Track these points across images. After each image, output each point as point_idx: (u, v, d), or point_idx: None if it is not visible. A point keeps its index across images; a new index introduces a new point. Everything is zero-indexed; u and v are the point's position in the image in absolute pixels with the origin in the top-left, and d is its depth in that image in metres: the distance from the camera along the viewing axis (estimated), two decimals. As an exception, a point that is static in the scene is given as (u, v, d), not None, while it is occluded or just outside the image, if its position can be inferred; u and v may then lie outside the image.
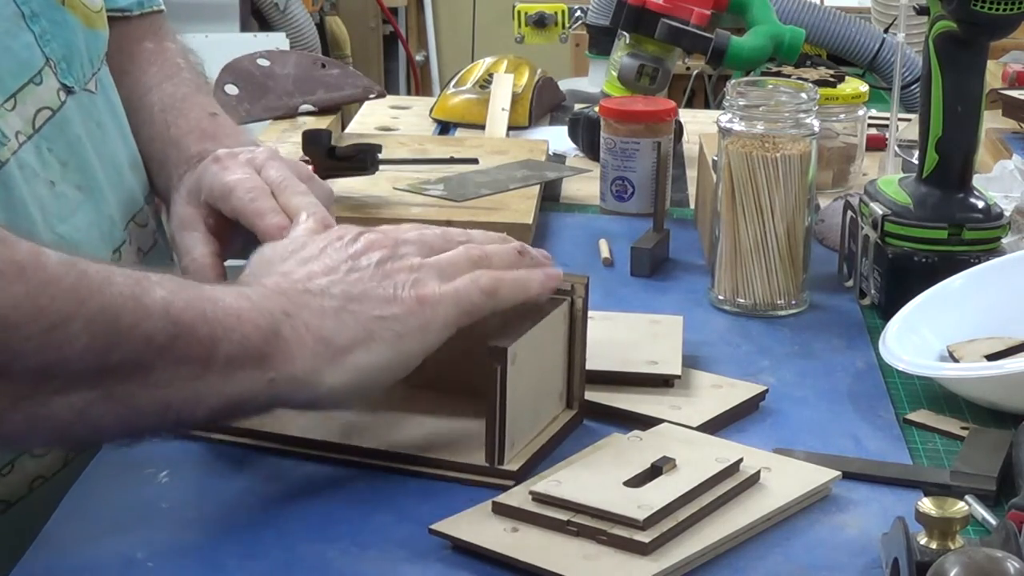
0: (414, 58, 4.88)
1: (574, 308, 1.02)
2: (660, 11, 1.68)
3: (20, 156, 1.03)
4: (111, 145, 1.15)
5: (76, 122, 1.10)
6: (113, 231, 1.12)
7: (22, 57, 1.05)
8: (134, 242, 1.16)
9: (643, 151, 1.55)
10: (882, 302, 1.26)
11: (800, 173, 1.25)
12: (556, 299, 1.01)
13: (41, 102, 1.07)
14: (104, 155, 1.13)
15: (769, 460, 0.97)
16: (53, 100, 1.08)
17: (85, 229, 1.08)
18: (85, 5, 1.13)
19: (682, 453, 0.94)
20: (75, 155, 1.09)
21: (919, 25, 1.45)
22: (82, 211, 1.09)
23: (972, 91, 1.24)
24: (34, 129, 1.06)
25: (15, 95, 1.04)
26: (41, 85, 1.07)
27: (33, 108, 1.06)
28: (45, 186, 1.06)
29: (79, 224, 1.08)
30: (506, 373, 0.93)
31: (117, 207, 1.14)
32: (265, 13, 4.03)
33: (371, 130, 1.92)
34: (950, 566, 0.74)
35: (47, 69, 1.08)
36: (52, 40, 1.08)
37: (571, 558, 0.85)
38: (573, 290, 1.02)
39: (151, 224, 1.20)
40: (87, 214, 1.09)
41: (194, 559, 0.86)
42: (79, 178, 1.09)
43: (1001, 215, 1.26)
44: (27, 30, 1.06)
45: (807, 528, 0.92)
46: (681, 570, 0.86)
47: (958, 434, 1.05)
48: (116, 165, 1.15)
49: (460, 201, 1.49)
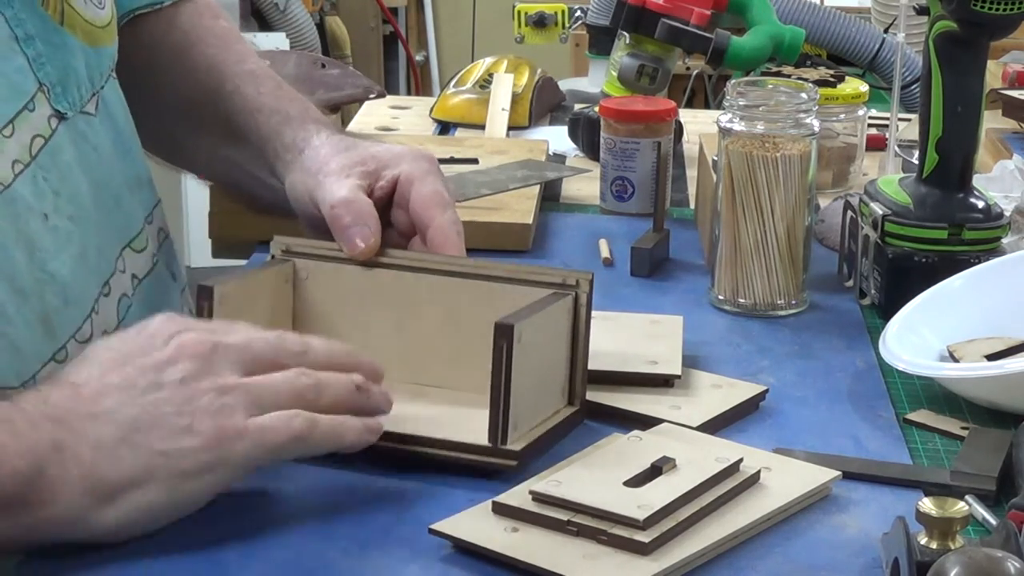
0: (414, 58, 4.88)
1: (578, 303, 1.02)
2: (660, 11, 1.68)
3: (15, 188, 0.99)
4: (107, 169, 1.10)
5: (68, 149, 1.05)
6: (102, 264, 1.08)
7: (14, 81, 1.01)
8: (128, 270, 1.12)
9: (643, 151, 1.55)
10: (882, 302, 1.26)
11: (800, 173, 1.25)
12: (559, 293, 1.01)
13: (34, 129, 1.02)
14: (98, 181, 1.09)
15: (769, 460, 0.97)
16: (44, 128, 1.03)
17: (74, 264, 1.04)
18: (88, 22, 1.09)
19: (682, 453, 0.94)
20: (67, 184, 1.05)
21: (919, 25, 1.45)
22: (73, 244, 1.04)
23: (972, 91, 1.24)
24: (31, 157, 1.02)
25: (12, 121, 1.00)
26: (34, 112, 1.02)
27: (29, 135, 1.02)
28: (38, 219, 1.01)
29: (68, 259, 1.03)
30: (512, 350, 0.93)
31: (109, 236, 1.10)
32: (265, 13, 4.03)
33: (371, 130, 1.92)
34: (950, 566, 0.74)
35: (40, 95, 1.03)
36: (47, 63, 1.04)
37: (571, 558, 0.85)
38: (578, 285, 1.02)
39: (150, 247, 1.16)
40: (77, 247, 1.05)
41: (194, 558, 0.86)
42: (71, 208, 1.05)
43: (1001, 215, 1.26)
44: (20, 53, 1.02)
45: (807, 528, 0.92)
46: (681, 570, 0.86)
47: (958, 434, 1.05)
48: (112, 190, 1.11)
49: (460, 201, 1.49)
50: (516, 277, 1.04)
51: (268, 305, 1.06)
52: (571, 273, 1.02)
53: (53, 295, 1.02)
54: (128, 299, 1.11)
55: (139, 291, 1.13)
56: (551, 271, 1.03)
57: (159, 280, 1.17)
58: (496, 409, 0.95)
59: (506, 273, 1.04)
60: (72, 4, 1.07)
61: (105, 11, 1.12)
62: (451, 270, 1.05)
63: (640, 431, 0.99)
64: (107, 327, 1.07)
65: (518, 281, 1.04)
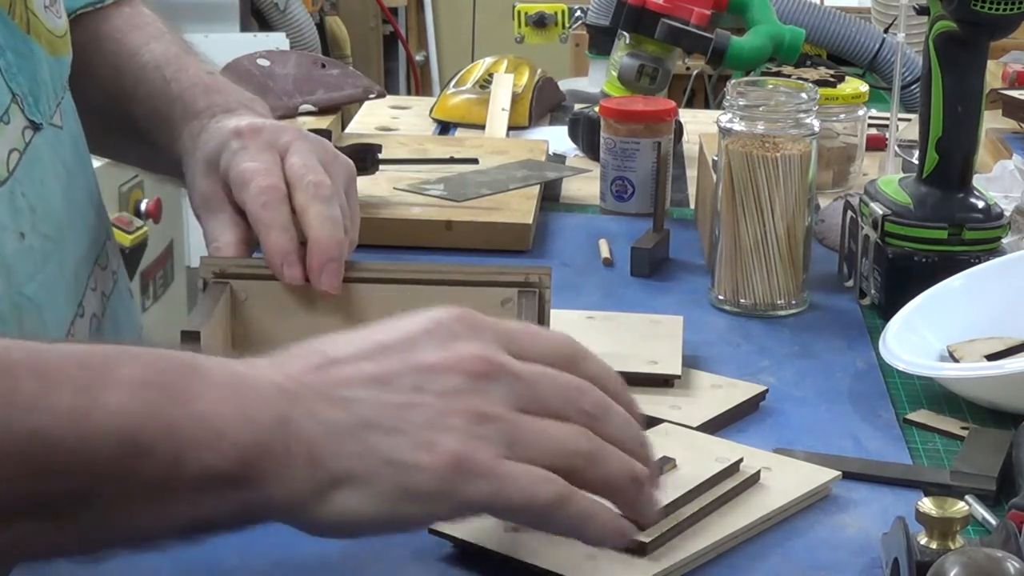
0: (414, 58, 4.89)
1: (542, 300, 1.00)
2: (660, 11, 1.68)
3: None
4: (74, 182, 1.06)
5: (45, 161, 1.01)
6: (78, 283, 1.04)
7: None
8: (98, 287, 1.08)
9: (643, 151, 1.55)
10: (882, 302, 1.26)
11: (800, 173, 1.25)
12: (524, 291, 0.99)
13: (10, 143, 0.98)
14: (68, 196, 1.05)
15: (769, 460, 0.97)
16: (19, 140, 0.99)
17: (51, 285, 1.00)
18: (50, 31, 1.05)
19: (682, 453, 0.94)
20: (43, 199, 1.00)
21: (919, 25, 1.45)
22: (49, 264, 1.00)
23: (972, 91, 1.24)
24: (8, 172, 0.97)
25: None
26: (9, 124, 0.98)
27: (5, 149, 0.97)
28: (15, 239, 0.97)
29: (45, 280, 0.99)
30: None
31: (82, 252, 1.06)
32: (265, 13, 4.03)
33: (371, 130, 1.92)
34: (950, 566, 0.74)
35: (14, 106, 0.99)
36: (18, 73, 1.00)
37: (571, 558, 0.85)
38: (540, 282, 1.00)
39: (111, 262, 1.12)
40: (53, 267, 1.00)
41: (194, 558, 0.86)
42: (47, 226, 1.00)
43: (1001, 215, 1.26)
44: None
45: (807, 528, 0.92)
46: (681, 570, 0.86)
47: (958, 434, 1.05)
48: (79, 204, 1.07)
49: (460, 201, 1.49)
50: (476, 279, 1.00)
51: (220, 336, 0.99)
52: (532, 270, 0.99)
53: (30, 320, 0.98)
54: (98, 319, 1.07)
55: (108, 309, 1.09)
56: (510, 270, 1.00)
57: (121, 297, 1.14)
58: None
59: (465, 276, 1.00)
60: (36, 13, 1.04)
61: (62, 20, 1.09)
62: (405, 277, 1.00)
63: None
64: None
65: (479, 283, 1.00)
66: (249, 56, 1.84)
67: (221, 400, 0.71)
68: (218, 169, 1.03)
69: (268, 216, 0.99)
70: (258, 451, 0.71)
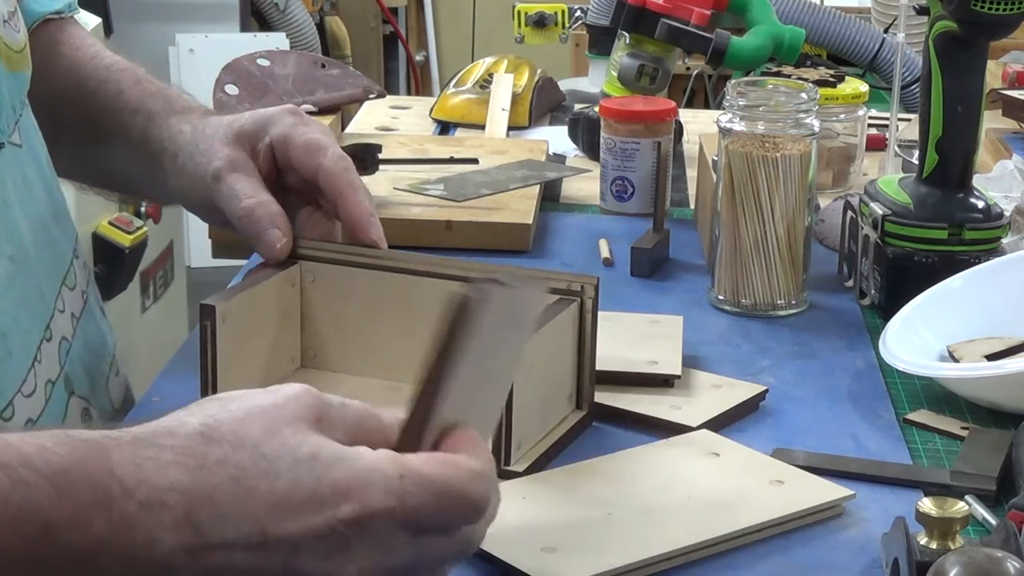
0: (414, 58, 4.89)
1: (583, 309, 1.01)
2: (660, 11, 1.68)
3: None
4: (37, 201, 1.04)
5: (5, 181, 0.99)
6: (43, 307, 1.02)
7: None
8: (66, 309, 1.06)
9: (643, 151, 1.55)
10: (882, 302, 1.26)
11: (800, 173, 1.25)
12: (565, 300, 1.00)
13: None
14: (33, 215, 1.03)
15: (782, 472, 0.96)
16: None
17: (15, 310, 0.97)
18: (8, 47, 1.02)
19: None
20: (5, 220, 0.98)
21: (919, 25, 1.45)
22: (13, 288, 0.97)
23: (972, 91, 1.24)
24: None
25: None
26: None
27: None
28: None
29: (9, 305, 0.97)
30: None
31: (47, 274, 1.04)
32: (265, 13, 4.04)
33: (371, 130, 1.92)
34: (950, 566, 0.74)
35: None
36: None
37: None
38: (583, 291, 1.01)
39: (79, 282, 1.10)
40: (18, 290, 0.98)
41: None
42: (11, 247, 0.98)
43: (1001, 215, 1.26)
44: None
45: (807, 528, 0.92)
46: (676, 561, 0.85)
47: (958, 434, 1.05)
48: (43, 223, 1.05)
49: (460, 201, 1.49)
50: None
51: (274, 312, 1.05)
52: (576, 277, 1.01)
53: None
54: (68, 342, 1.05)
55: (78, 331, 1.08)
56: (556, 275, 1.03)
57: (92, 318, 1.12)
58: (499, 431, 0.94)
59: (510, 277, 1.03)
60: None
61: (20, 34, 1.06)
62: (458, 274, 1.03)
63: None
64: (50, 376, 1.01)
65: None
66: (249, 56, 1.84)
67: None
68: (253, 140, 1.07)
69: (353, 178, 1.05)
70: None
